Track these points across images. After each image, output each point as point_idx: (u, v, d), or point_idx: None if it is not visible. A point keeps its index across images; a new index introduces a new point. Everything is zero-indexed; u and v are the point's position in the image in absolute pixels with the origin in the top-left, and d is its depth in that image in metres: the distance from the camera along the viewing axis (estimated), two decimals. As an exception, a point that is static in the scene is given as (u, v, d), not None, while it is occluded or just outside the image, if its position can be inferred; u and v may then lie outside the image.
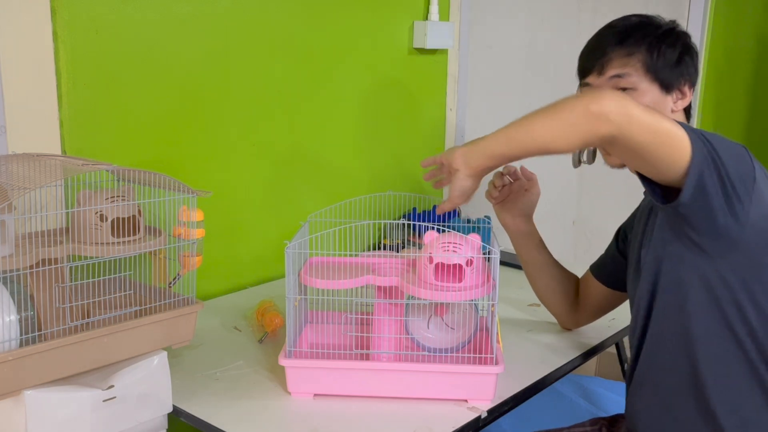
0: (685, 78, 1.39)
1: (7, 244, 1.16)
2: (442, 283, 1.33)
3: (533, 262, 1.65)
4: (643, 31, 1.38)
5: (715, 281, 1.22)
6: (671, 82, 1.37)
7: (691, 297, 1.24)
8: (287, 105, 1.98)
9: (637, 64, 1.36)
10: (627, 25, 1.40)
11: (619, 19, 1.43)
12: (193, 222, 1.31)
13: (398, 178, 2.32)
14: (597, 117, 1.13)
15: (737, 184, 1.16)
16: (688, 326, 1.25)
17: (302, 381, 1.35)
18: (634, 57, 1.36)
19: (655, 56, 1.36)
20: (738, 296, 1.22)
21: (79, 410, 1.15)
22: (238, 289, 1.94)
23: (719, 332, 1.24)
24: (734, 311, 1.22)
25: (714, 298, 1.23)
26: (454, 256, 1.32)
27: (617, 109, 1.13)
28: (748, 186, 1.17)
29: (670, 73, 1.36)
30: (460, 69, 2.42)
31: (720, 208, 1.16)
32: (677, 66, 1.37)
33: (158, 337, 1.27)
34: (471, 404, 1.34)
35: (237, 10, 1.82)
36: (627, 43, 1.37)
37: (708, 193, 1.15)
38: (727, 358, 1.24)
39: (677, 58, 1.37)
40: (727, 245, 1.20)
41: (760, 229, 1.19)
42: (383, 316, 1.39)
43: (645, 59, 1.36)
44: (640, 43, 1.37)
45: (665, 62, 1.36)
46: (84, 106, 1.57)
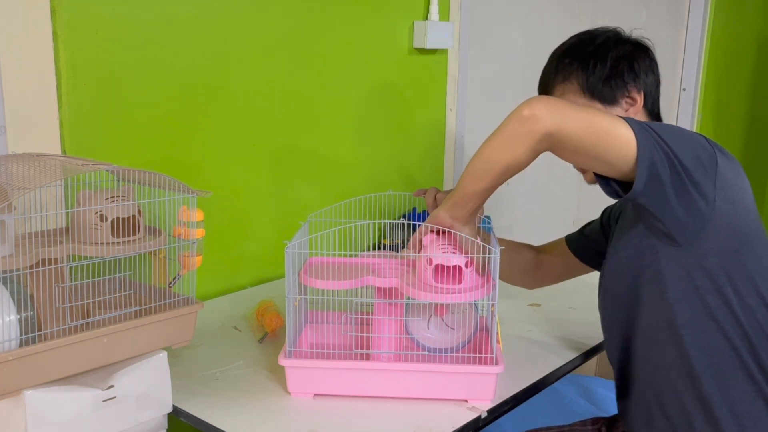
0: (628, 83, 1.41)
1: (7, 244, 1.16)
2: (441, 284, 1.33)
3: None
4: (575, 53, 1.44)
5: (693, 271, 1.23)
6: (611, 93, 1.41)
7: (672, 288, 1.25)
8: (287, 105, 1.98)
9: (573, 88, 1.43)
10: (562, 50, 1.47)
11: (559, 45, 1.49)
12: (193, 222, 1.31)
13: (398, 177, 2.32)
14: (530, 119, 1.18)
15: (693, 170, 1.18)
16: (673, 318, 1.26)
17: (302, 381, 1.35)
18: (569, 82, 1.43)
19: (587, 75, 1.41)
20: (720, 285, 1.23)
21: (79, 410, 1.15)
22: (238, 289, 1.94)
23: (704, 322, 1.24)
24: (716, 300, 1.23)
25: (694, 287, 1.24)
26: (453, 258, 1.32)
27: (548, 108, 1.18)
28: (709, 171, 1.19)
29: (607, 86, 1.40)
30: (460, 69, 2.42)
31: (677, 195, 1.18)
32: (612, 76, 1.40)
33: (158, 337, 1.27)
34: (471, 404, 1.34)
35: (237, 10, 1.82)
36: (561, 68, 1.44)
37: (663, 181, 1.17)
38: (714, 348, 1.25)
39: (609, 69, 1.40)
40: (695, 233, 1.21)
41: (726, 213, 1.20)
42: (383, 316, 1.39)
43: (579, 81, 1.42)
44: (573, 66, 1.43)
45: (598, 77, 1.41)
46: (84, 106, 1.57)
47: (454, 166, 2.47)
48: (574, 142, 1.18)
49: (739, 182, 1.24)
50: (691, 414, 1.27)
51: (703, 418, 1.26)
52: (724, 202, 1.20)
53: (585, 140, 1.18)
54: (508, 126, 1.22)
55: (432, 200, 1.51)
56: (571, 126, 1.17)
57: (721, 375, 1.25)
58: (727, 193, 1.21)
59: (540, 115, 1.18)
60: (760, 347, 1.24)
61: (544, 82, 1.49)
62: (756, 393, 1.24)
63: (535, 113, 1.18)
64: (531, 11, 2.71)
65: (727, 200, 1.21)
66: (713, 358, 1.25)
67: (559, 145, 1.20)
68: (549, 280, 1.73)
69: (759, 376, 1.24)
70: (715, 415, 1.24)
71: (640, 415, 1.36)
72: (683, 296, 1.25)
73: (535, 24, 2.73)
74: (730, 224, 1.21)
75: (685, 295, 1.25)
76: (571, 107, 1.20)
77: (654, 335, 1.30)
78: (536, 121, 1.18)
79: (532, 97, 1.22)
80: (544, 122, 1.17)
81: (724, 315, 1.23)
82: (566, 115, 1.18)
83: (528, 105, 1.19)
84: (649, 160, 1.16)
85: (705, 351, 1.25)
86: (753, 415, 1.24)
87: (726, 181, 1.21)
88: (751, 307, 1.24)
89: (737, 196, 1.22)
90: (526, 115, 1.19)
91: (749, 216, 1.24)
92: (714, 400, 1.24)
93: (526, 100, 1.21)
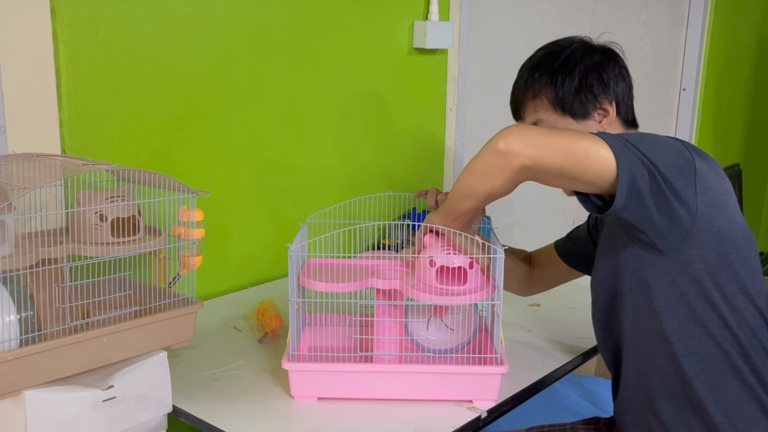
0: (599, 95, 1.39)
1: (7, 244, 1.16)
2: (444, 286, 1.32)
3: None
4: (542, 69, 1.42)
5: (679, 278, 1.23)
6: (582, 107, 1.39)
7: (658, 296, 1.25)
8: (287, 105, 1.98)
9: (544, 105, 1.41)
10: (530, 65, 1.45)
11: (528, 59, 1.47)
12: (193, 222, 1.31)
13: (398, 177, 2.32)
14: (505, 154, 1.17)
15: (673, 179, 1.17)
16: (661, 326, 1.26)
17: (306, 385, 1.35)
18: (539, 98, 1.41)
19: (556, 90, 1.39)
20: (707, 290, 1.22)
21: (79, 410, 1.15)
22: (238, 289, 1.94)
23: (692, 328, 1.24)
24: (704, 306, 1.23)
25: (681, 294, 1.23)
26: (455, 259, 1.32)
27: (523, 140, 1.17)
28: (688, 177, 1.18)
29: (577, 100, 1.39)
30: (460, 69, 2.42)
31: (658, 207, 1.17)
32: (581, 90, 1.38)
33: (158, 337, 1.27)
34: (475, 405, 1.34)
35: (237, 10, 1.82)
36: (530, 86, 1.42)
37: (643, 194, 1.16)
38: (704, 353, 1.24)
39: (578, 82, 1.38)
40: (679, 241, 1.21)
41: (708, 217, 1.20)
42: (384, 317, 1.39)
43: (548, 97, 1.40)
44: (541, 82, 1.41)
45: (567, 92, 1.39)
46: (84, 106, 1.57)
47: (454, 166, 2.47)
48: (554, 172, 1.17)
49: (719, 185, 1.23)
50: (686, 419, 1.27)
51: (698, 422, 1.26)
52: (706, 207, 1.19)
53: (564, 168, 1.17)
54: (484, 157, 1.21)
55: (433, 201, 1.50)
56: (548, 157, 1.16)
57: (713, 379, 1.24)
58: (709, 198, 1.20)
59: (516, 149, 1.16)
60: (751, 349, 1.24)
61: (515, 99, 1.48)
62: (749, 395, 1.24)
63: (511, 148, 1.17)
64: (531, 11, 2.71)
65: (710, 204, 1.20)
66: (704, 363, 1.24)
67: (538, 175, 1.20)
68: (541, 287, 1.72)
69: (751, 378, 1.24)
70: (709, 419, 1.24)
71: (635, 419, 1.36)
72: (670, 304, 1.24)
73: (535, 24, 2.73)
74: (713, 228, 1.21)
75: (671, 302, 1.24)
76: (546, 136, 1.18)
77: (643, 343, 1.30)
78: (513, 156, 1.17)
79: (506, 128, 1.20)
80: (519, 157, 1.17)
81: (712, 320, 1.23)
82: (542, 146, 1.16)
83: (503, 138, 1.18)
84: (629, 175, 1.15)
85: (695, 356, 1.24)
86: (747, 417, 1.24)
87: (706, 185, 1.20)
88: (739, 309, 1.23)
89: (719, 198, 1.21)
90: (501, 149, 1.17)
91: (733, 218, 1.23)
92: (708, 405, 1.24)
93: (501, 132, 1.19)
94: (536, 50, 1.48)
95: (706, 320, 1.23)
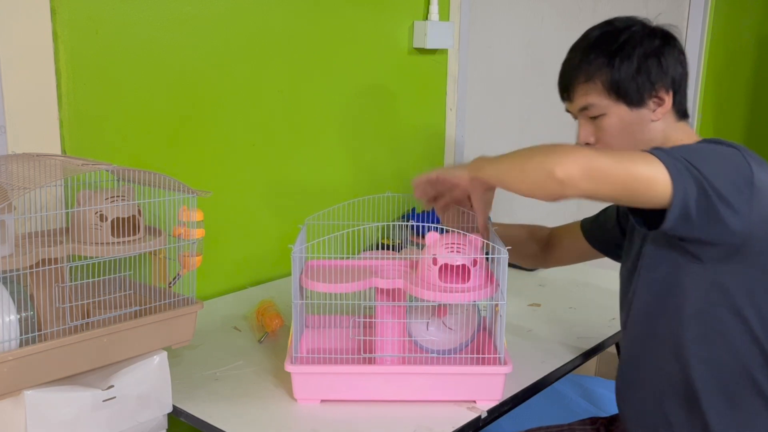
0: (657, 82, 1.32)
1: (7, 244, 1.16)
2: (448, 284, 1.32)
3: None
4: (598, 50, 1.34)
5: (710, 287, 1.21)
6: (638, 94, 1.31)
7: (687, 302, 1.24)
8: (287, 105, 1.98)
9: (597, 88, 1.33)
10: (585, 46, 1.37)
11: (581, 38, 1.39)
12: (193, 222, 1.31)
13: (397, 178, 2.32)
14: (561, 183, 1.14)
15: (731, 196, 1.14)
16: (685, 332, 1.25)
17: (308, 387, 1.34)
18: (593, 81, 1.33)
19: (612, 74, 1.31)
20: (738, 303, 1.21)
21: (79, 410, 1.15)
22: (238, 289, 1.94)
23: (712, 338, 1.23)
24: (731, 318, 1.21)
25: (710, 303, 1.22)
26: (458, 257, 1.32)
27: (582, 173, 1.13)
28: (745, 192, 1.15)
29: (633, 86, 1.31)
30: (460, 69, 2.42)
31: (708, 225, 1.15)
32: (638, 75, 1.31)
33: (158, 337, 1.27)
34: (477, 405, 1.34)
35: (237, 10, 1.82)
36: (584, 68, 1.34)
37: (693, 216, 1.14)
38: (722, 364, 1.23)
39: (636, 67, 1.31)
40: (724, 253, 1.19)
41: (759, 233, 1.17)
42: (387, 318, 1.39)
43: (604, 80, 1.32)
44: (597, 64, 1.33)
45: (624, 77, 1.31)
46: (84, 106, 1.57)
47: (454, 166, 2.47)
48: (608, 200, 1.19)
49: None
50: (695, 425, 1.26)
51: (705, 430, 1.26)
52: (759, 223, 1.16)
53: (619, 197, 1.16)
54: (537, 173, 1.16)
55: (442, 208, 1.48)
56: (604, 190, 1.14)
57: (726, 390, 1.24)
58: (763, 211, 1.16)
59: (574, 182, 1.12)
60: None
61: (565, 80, 1.39)
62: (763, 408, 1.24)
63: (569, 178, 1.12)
64: (531, 11, 2.71)
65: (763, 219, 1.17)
66: (721, 374, 1.24)
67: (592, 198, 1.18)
68: (563, 261, 1.73)
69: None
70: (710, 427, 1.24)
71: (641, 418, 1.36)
72: (697, 312, 1.23)
73: (535, 24, 2.73)
74: (762, 244, 1.18)
75: (699, 311, 1.23)
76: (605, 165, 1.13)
77: (663, 344, 1.29)
78: (569, 187, 1.13)
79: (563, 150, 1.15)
80: (576, 189, 1.13)
81: (739, 333, 1.22)
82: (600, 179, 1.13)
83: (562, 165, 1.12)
84: (683, 198, 1.12)
85: (712, 366, 1.24)
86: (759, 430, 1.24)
87: (762, 198, 1.16)
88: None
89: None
90: (559, 177, 1.12)
91: None
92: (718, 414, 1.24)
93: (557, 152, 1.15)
94: (589, 29, 1.39)
95: (731, 333, 1.22)
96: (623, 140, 1.33)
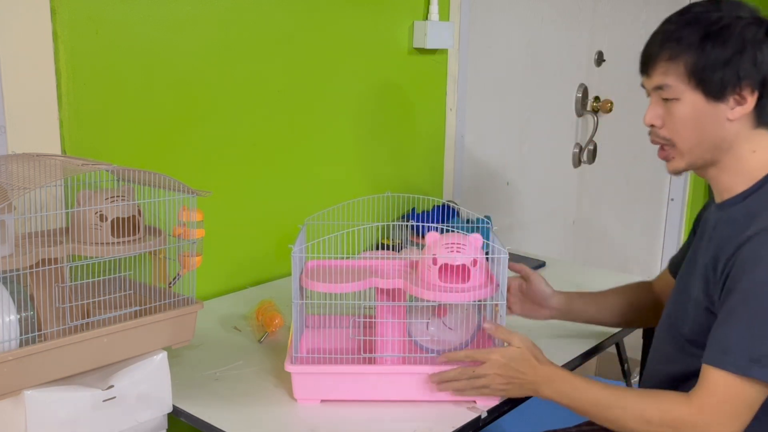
0: (744, 79, 1.20)
1: (7, 244, 1.16)
2: (448, 284, 1.32)
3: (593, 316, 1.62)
4: (692, 28, 1.22)
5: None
6: (720, 86, 1.21)
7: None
8: (287, 105, 1.98)
9: (678, 70, 1.23)
10: (680, 21, 1.25)
11: (680, 11, 1.27)
12: (193, 222, 1.31)
13: (397, 178, 2.32)
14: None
15: None
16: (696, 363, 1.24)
17: (309, 387, 1.34)
18: (677, 61, 1.23)
19: (699, 58, 1.21)
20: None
21: (79, 410, 1.15)
22: (238, 289, 1.94)
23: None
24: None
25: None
26: (458, 257, 1.32)
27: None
28: None
29: (717, 76, 1.20)
30: (460, 69, 2.42)
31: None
32: (726, 66, 1.20)
33: (158, 337, 1.27)
34: (478, 405, 1.34)
35: (237, 10, 1.82)
36: (670, 45, 1.23)
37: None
38: None
39: (727, 56, 1.19)
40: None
41: None
42: (387, 318, 1.39)
43: (688, 63, 1.22)
44: (686, 44, 1.22)
45: (710, 64, 1.20)
46: (84, 106, 1.57)
47: (454, 167, 2.47)
48: None
49: None
50: None
51: None
52: None
53: None
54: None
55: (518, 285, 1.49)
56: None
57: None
58: None
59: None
60: None
61: (648, 53, 1.28)
62: None
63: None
64: (531, 11, 2.71)
65: None
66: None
67: None
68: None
69: None
70: None
71: None
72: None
73: (535, 24, 2.73)
74: None
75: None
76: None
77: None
78: None
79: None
80: None
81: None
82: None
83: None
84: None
85: None
86: None
87: None
88: None
89: None
90: None
91: None
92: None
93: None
94: (690, 3, 1.27)
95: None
96: (691, 132, 1.25)
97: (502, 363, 1.29)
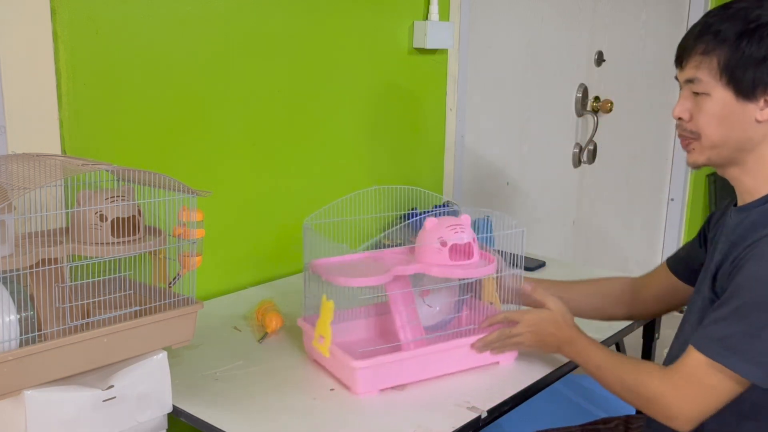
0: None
1: (7, 244, 1.16)
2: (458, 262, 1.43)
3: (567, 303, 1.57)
4: (730, 23, 1.19)
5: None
6: (752, 85, 1.19)
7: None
8: (287, 105, 1.98)
9: (711, 65, 1.21)
10: (720, 14, 1.22)
11: (723, 5, 1.24)
12: (193, 222, 1.31)
13: (397, 178, 2.32)
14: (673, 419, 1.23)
15: None
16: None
17: (371, 379, 1.38)
18: (710, 56, 1.21)
19: (732, 55, 1.18)
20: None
21: (79, 410, 1.15)
22: (238, 289, 1.94)
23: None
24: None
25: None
26: (464, 236, 1.43)
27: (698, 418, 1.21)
28: None
29: (749, 75, 1.18)
30: (460, 69, 2.42)
31: None
32: (760, 65, 1.17)
33: (158, 337, 1.27)
34: (472, 404, 1.34)
35: (237, 10, 1.82)
36: (706, 38, 1.21)
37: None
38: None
39: (762, 56, 1.17)
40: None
41: None
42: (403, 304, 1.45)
43: (722, 58, 1.20)
44: (721, 38, 1.19)
45: (744, 62, 1.18)
46: (84, 106, 1.57)
47: (454, 166, 2.47)
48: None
49: None
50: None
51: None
52: None
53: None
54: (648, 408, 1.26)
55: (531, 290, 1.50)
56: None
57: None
58: None
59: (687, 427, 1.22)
60: None
61: (684, 45, 1.26)
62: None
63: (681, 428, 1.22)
64: (531, 11, 2.71)
65: None
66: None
67: None
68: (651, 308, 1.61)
69: None
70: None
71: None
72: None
73: (535, 24, 2.73)
74: None
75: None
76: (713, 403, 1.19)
77: None
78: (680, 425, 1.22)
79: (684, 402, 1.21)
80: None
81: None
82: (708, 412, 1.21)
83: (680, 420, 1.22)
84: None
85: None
86: None
87: None
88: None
89: None
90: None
91: None
92: None
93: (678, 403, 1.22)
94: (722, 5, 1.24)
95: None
96: (716, 130, 1.24)
97: (534, 321, 1.42)
